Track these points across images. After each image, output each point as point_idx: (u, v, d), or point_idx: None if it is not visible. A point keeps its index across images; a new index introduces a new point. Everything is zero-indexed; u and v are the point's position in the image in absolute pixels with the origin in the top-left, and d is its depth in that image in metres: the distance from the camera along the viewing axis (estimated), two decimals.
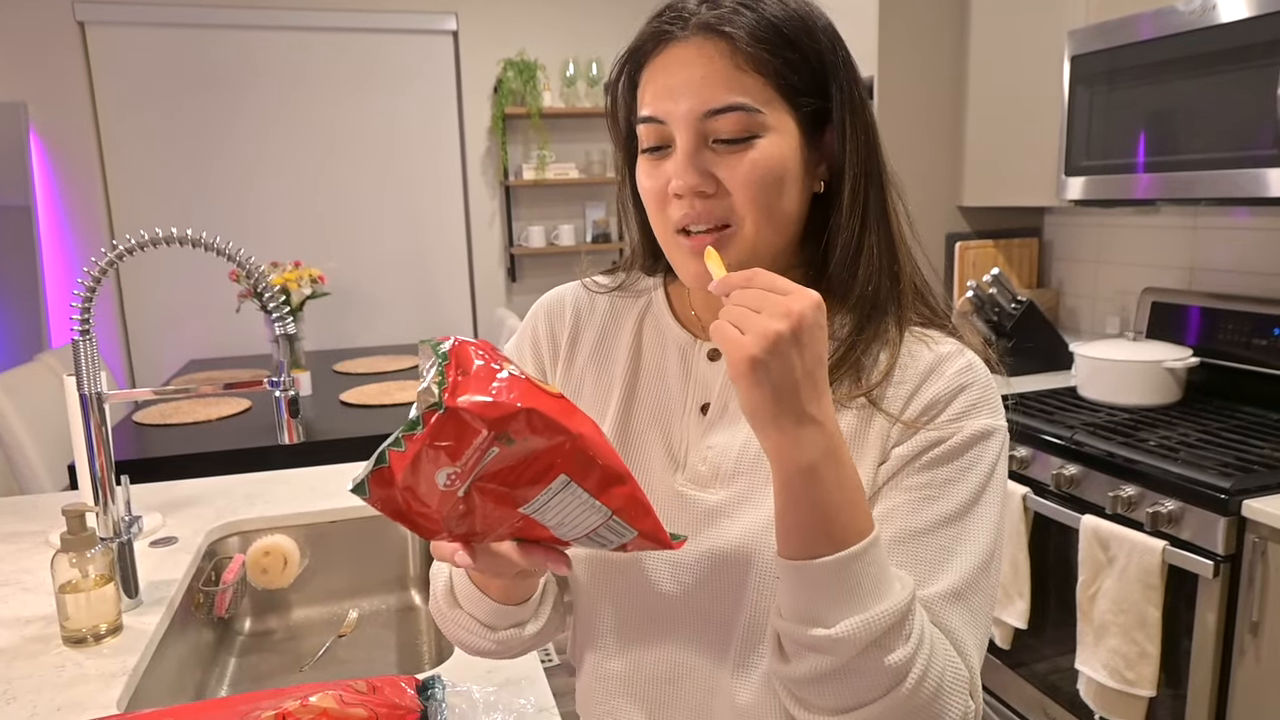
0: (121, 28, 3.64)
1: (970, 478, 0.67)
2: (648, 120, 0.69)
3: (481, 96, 4.06)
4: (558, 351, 0.83)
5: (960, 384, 0.68)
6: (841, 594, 0.58)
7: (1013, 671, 2.11)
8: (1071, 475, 1.85)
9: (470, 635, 0.76)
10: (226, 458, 2.15)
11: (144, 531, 1.49)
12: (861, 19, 2.63)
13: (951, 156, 2.75)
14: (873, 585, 0.59)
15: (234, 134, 3.82)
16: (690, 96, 0.66)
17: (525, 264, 4.24)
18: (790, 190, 0.69)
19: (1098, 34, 2.05)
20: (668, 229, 0.70)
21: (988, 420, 0.68)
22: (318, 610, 1.58)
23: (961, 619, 0.64)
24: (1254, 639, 1.56)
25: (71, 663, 1.08)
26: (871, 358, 0.70)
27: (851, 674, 0.59)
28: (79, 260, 3.71)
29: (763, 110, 0.66)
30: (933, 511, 0.66)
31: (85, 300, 1.18)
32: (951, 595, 0.64)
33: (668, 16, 0.69)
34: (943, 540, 0.65)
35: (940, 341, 0.71)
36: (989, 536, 0.67)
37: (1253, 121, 1.71)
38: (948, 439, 0.67)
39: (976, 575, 0.65)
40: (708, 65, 0.66)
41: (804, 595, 0.60)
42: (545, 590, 0.79)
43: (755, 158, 0.66)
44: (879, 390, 0.69)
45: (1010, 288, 2.52)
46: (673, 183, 0.67)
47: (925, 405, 0.68)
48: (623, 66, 0.73)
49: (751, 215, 0.67)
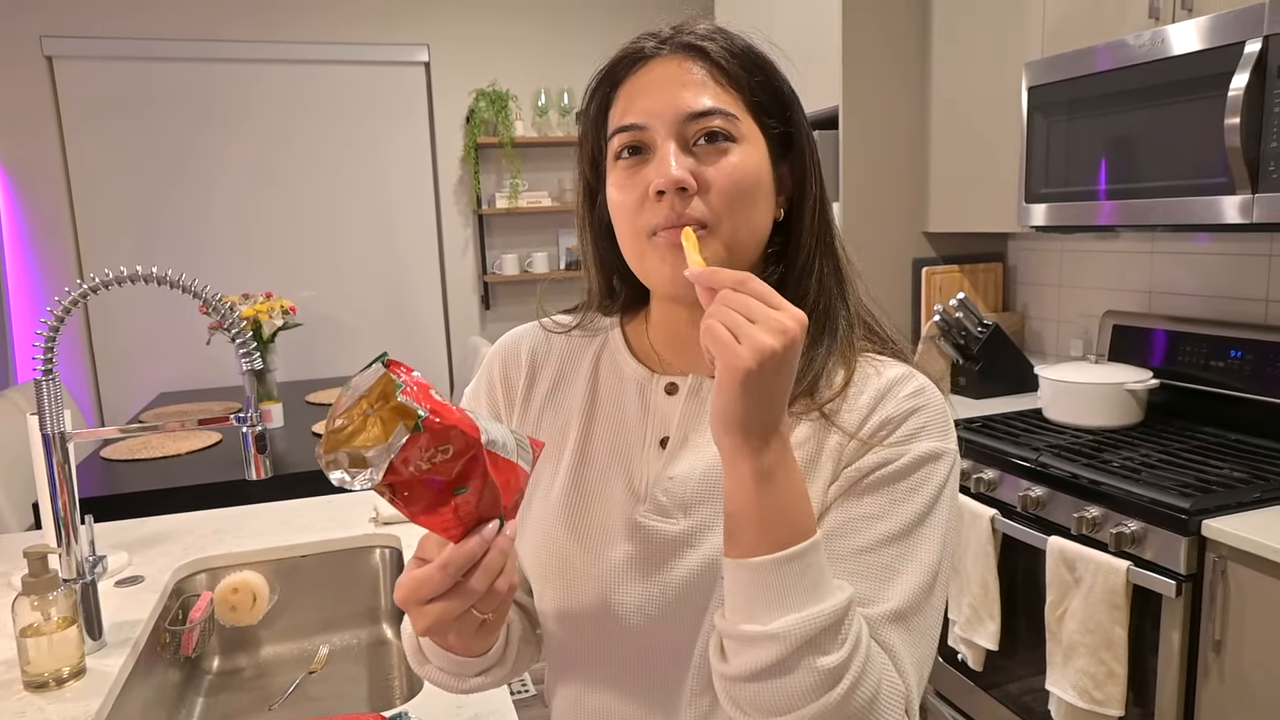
0: (90, 61, 3.63)
1: (916, 499, 0.68)
2: (628, 128, 0.70)
3: (454, 126, 4.08)
4: (513, 397, 0.84)
5: (912, 406, 0.70)
6: (779, 592, 0.59)
7: (985, 693, 2.12)
8: (1038, 497, 1.88)
9: (442, 683, 0.77)
10: (197, 492, 2.13)
11: (109, 571, 1.47)
12: (826, 50, 2.68)
13: (916, 183, 2.80)
14: (811, 586, 0.60)
15: (204, 166, 3.81)
16: (673, 100, 0.69)
17: (499, 292, 4.25)
18: (762, 203, 0.72)
19: (1054, 65, 2.11)
20: (641, 235, 0.71)
21: (937, 443, 0.69)
22: (287, 647, 1.57)
23: (901, 638, 0.64)
24: (1217, 657, 1.58)
25: (33, 708, 1.07)
26: (826, 375, 0.72)
27: (785, 672, 0.59)
28: (46, 294, 3.67)
29: (740, 119, 0.70)
30: (878, 530, 0.67)
31: (49, 340, 1.17)
32: (894, 615, 0.64)
33: (644, 39, 0.72)
34: (886, 559, 0.66)
35: (891, 365, 0.73)
36: (933, 557, 0.67)
37: (1204, 151, 1.76)
38: (896, 459, 0.68)
39: (919, 595, 0.66)
40: (688, 76, 0.70)
41: (744, 593, 0.61)
42: (509, 635, 0.79)
43: (735, 161, 0.69)
44: (833, 406, 0.71)
45: (976, 312, 2.56)
46: (655, 180, 0.68)
47: (878, 425, 0.70)
48: (596, 87, 0.75)
49: (729, 218, 0.69)
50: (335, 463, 0.57)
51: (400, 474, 0.56)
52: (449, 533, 0.60)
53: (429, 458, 0.56)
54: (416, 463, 0.56)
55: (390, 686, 1.46)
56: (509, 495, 0.62)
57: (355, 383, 0.58)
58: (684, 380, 0.78)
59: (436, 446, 0.56)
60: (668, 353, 0.79)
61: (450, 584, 0.60)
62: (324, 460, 0.57)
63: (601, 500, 0.77)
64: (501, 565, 0.62)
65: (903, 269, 2.84)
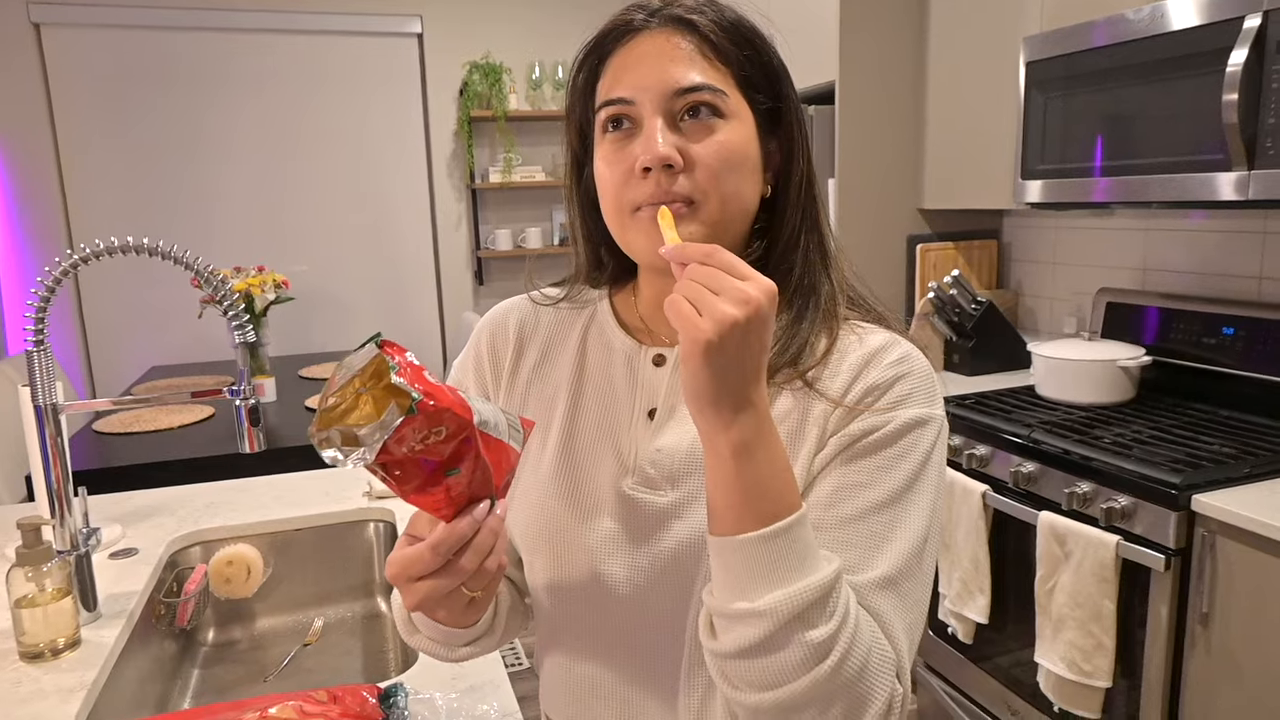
0: (79, 29, 3.58)
1: (904, 465, 0.67)
2: (615, 102, 0.70)
3: (447, 99, 4.04)
4: (500, 369, 0.84)
5: (897, 373, 0.70)
6: (766, 568, 0.59)
7: (975, 665, 2.15)
8: (1029, 473, 1.89)
9: (431, 652, 0.78)
10: (190, 465, 2.13)
11: (104, 543, 1.47)
12: (823, 25, 2.66)
13: (912, 160, 2.79)
14: (798, 561, 0.60)
15: (195, 137, 3.77)
16: (661, 75, 0.68)
17: (492, 267, 4.23)
18: (749, 180, 0.71)
19: (1052, 41, 2.09)
20: (625, 210, 0.71)
21: (923, 409, 0.69)
22: (282, 619, 1.58)
23: (891, 604, 0.64)
24: (1204, 630, 1.60)
25: (29, 678, 1.07)
26: (810, 347, 0.72)
27: (775, 648, 0.59)
28: (35, 265, 3.64)
29: (728, 95, 0.69)
30: (866, 498, 0.67)
31: (39, 311, 1.16)
32: (883, 581, 0.65)
33: (632, 11, 0.71)
34: (874, 526, 0.66)
35: (874, 332, 0.73)
36: (922, 523, 0.67)
37: (1202, 127, 1.75)
38: (882, 426, 0.68)
39: (909, 561, 0.66)
40: (676, 51, 0.69)
41: (731, 570, 0.61)
42: (498, 606, 0.79)
43: (722, 139, 0.69)
44: (815, 373, 0.71)
45: (970, 289, 2.56)
46: (641, 157, 0.68)
47: (863, 392, 0.69)
48: (584, 58, 0.74)
49: (716, 194, 0.69)
50: (328, 440, 0.57)
51: (393, 454, 0.56)
52: (440, 512, 0.61)
53: (422, 439, 0.56)
54: (410, 443, 0.56)
55: (385, 659, 1.47)
56: (500, 475, 0.63)
57: (349, 361, 0.59)
58: (671, 352, 0.78)
59: (430, 428, 0.56)
60: (655, 324, 0.79)
61: (440, 564, 0.61)
62: (316, 438, 0.57)
63: (591, 471, 0.77)
64: (492, 545, 0.63)
65: (897, 246, 2.84)
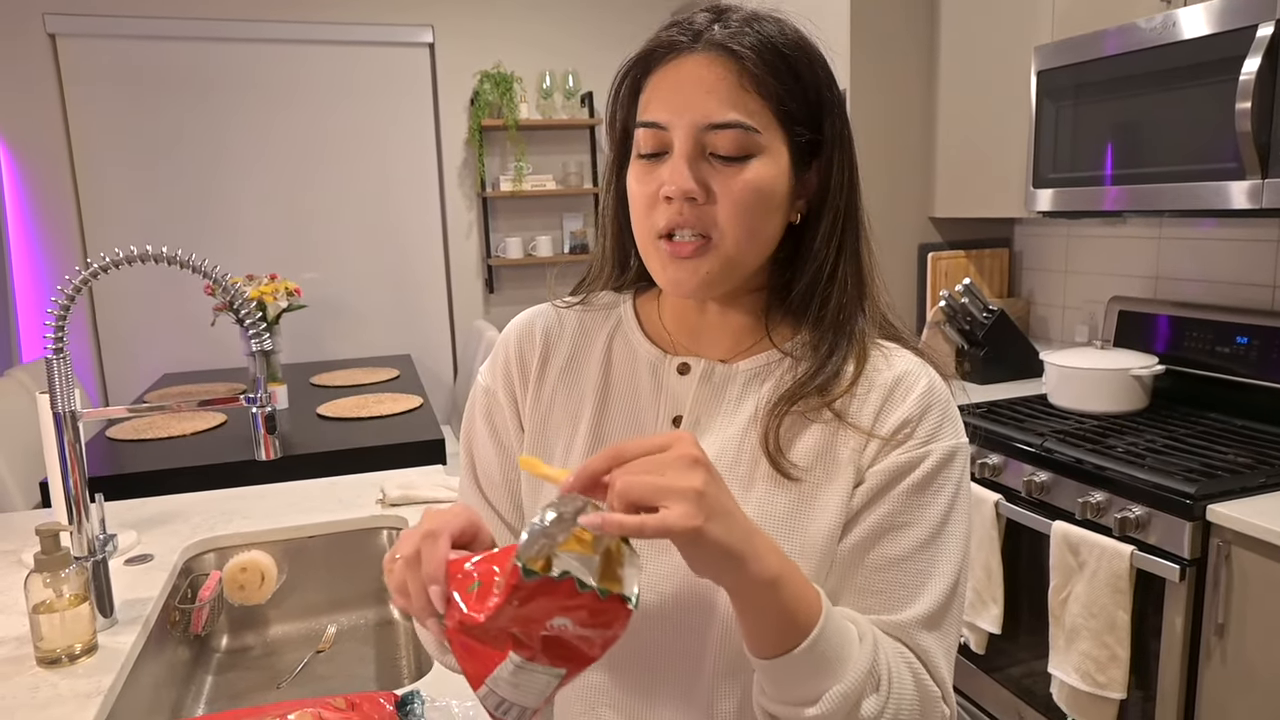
0: (94, 39, 3.61)
1: (941, 499, 0.70)
2: (650, 125, 0.70)
3: (458, 108, 4.06)
4: (527, 376, 0.85)
5: (926, 405, 0.72)
6: (818, 669, 0.62)
7: (988, 675, 2.13)
8: (1042, 482, 1.88)
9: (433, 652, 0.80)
10: (203, 473, 2.14)
11: (119, 549, 1.48)
12: (834, 33, 2.67)
13: (923, 168, 2.79)
14: (838, 650, 0.63)
15: (209, 146, 3.80)
16: (695, 107, 0.68)
17: (503, 275, 4.24)
18: (774, 215, 0.72)
19: (1063, 50, 2.09)
20: (651, 233, 0.72)
21: (953, 440, 0.72)
22: (295, 626, 1.58)
23: (934, 639, 0.68)
24: (1220, 641, 1.59)
25: (46, 684, 1.08)
26: (839, 377, 0.73)
27: None
28: (50, 273, 3.67)
29: (761, 132, 0.69)
30: (910, 538, 0.69)
31: (59, 319, 1.17)
32: (927, 619, 0.68)
33: (679, 29, 0.71)
34: (919, 564, 0.69)
35: (899, 355, 0.75)
36: (959, 554, 0.71)
37: (1214, 135, 1.75)
38: (920, 463, 0.70)
39: (948, 596, 0.69)
40: (715, 80, 0.68)
41: (786, 683, 0.63)
42: None
43: (748, 178, 0.69)
44: (843, 402, 0.72)
45: (981, 297, 2.56)
46: (666, 186, 0.69)
47: (896, 425, 0.71)
48: (629, 70, 0.75)
49: (734, 232, 0.69)
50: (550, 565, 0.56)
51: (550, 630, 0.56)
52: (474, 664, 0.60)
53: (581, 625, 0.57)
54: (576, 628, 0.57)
55: (398, 666, 1.48)
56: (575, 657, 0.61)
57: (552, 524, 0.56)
58: (696, 362, 0.78)
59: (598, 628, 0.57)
60: (679, 334, 0.80)
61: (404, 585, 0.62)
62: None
63: None
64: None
65: (909, 254, 2.84)
